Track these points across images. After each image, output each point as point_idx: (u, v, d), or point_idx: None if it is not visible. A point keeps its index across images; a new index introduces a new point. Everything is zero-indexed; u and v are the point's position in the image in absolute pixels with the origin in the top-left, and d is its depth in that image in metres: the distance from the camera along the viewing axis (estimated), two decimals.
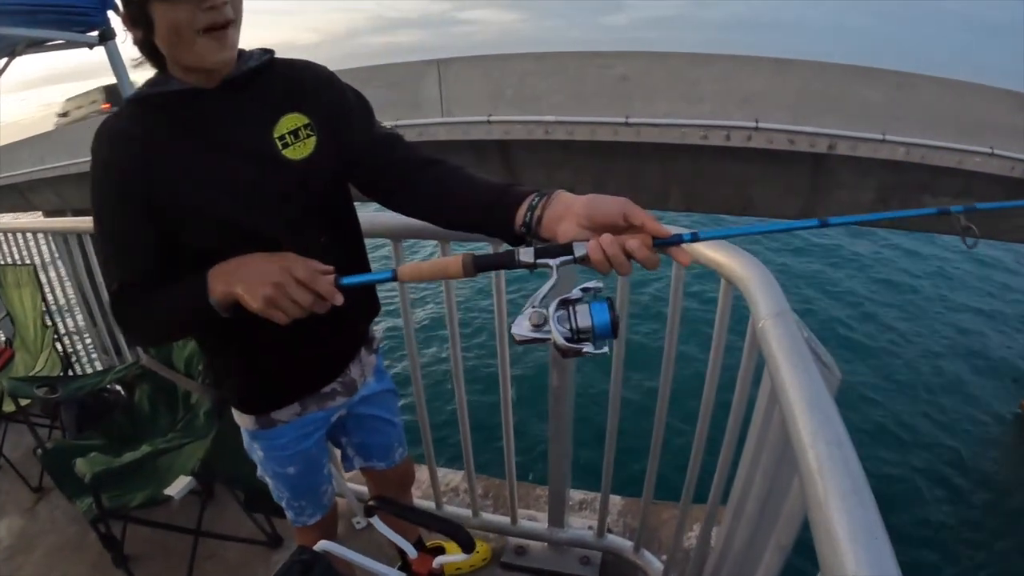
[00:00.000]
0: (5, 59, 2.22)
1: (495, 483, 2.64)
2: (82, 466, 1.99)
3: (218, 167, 1.13)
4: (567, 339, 0.86)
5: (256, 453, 1.51)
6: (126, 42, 1.39)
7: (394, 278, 0.99)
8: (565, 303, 0.88)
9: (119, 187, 1.10)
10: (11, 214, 14.95)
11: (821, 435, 0.76)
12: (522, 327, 0.88)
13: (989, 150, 7.04)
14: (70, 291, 3.64)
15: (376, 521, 1.36)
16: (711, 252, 1.34)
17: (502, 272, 1.70)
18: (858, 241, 17.33)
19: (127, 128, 1.10)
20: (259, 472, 1.55)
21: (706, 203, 8.61)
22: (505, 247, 1.00)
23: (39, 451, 2.58)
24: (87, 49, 1.74)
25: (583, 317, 0.86)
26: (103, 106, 20.33)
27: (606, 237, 0.91)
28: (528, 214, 1.02)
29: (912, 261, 16.51)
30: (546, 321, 0.86)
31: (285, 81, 1.23)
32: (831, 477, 0.69)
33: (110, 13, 1.72)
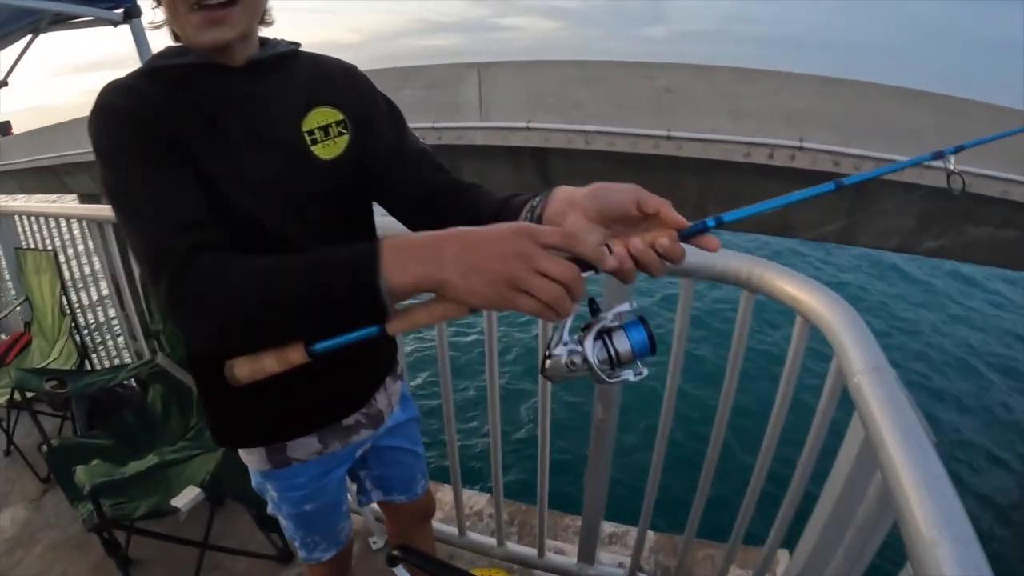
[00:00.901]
0: (29, 36, 2.17)
1: (521, 508, 2.49)
2: (82, 475, 1.88)
3: (240, 156, 0.98)
4: (607, 373, 0.79)
5: (268, 494, 1.34)
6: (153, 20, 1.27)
7: (382, 332, 0.75)
8: (601, 334, 0.79)
9: (142, 130, 0.89)
10: (44, 195, 15.18)
11: (947, 531, 0.65)
12: (559, 370, 0.79)
13: None
14: (93, 279, 3.57)
15: (401, 572, 1.22)
16: (789, 287, 1.20)
17: None
18: (878, 282, 16.98)
19: (142, 88, 0.94)
20: (270, 509, 1.39)
21: (744, 223, 8.38)
22: None
23: (44, 447, 2.48)
24: (112, 27, 1.65)
25: (621, 343, 0.79)
26: None
27: (636, 242, 0.77)
28: (528, 215, 0.89)
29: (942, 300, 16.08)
30: (585, 360, 0.78)
31: (315, 73, 1.11)
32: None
33: None
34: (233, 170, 0.97)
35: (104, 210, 3.00)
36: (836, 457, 1.07)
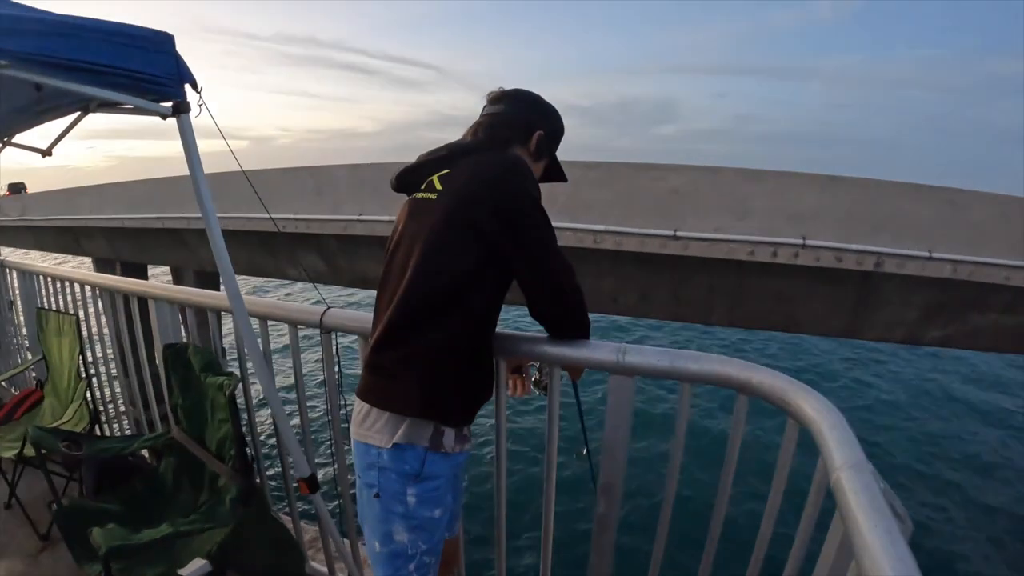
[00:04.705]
0: (77, 113, 2.28)
1: None
2: (98, 537, 1.92)
3: None
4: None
5: (408, 500, 1.52)
6: (199, 115, 1.68)
7: None
8: None
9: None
10: (61, 255, 15.41)
11: None
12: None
13: None
14: (102, 346, 3.64)
15: None
16: (779, 391, 1.31)
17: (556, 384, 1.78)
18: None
19: None
20: (390, 529, 1.54)
21: (750, 319, 8.55)
22: None
23: (54, 505, 2.50)
24: (160, 119, 1.75)
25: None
26: (5, 193, 29.22)
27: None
28: None
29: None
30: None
31: None
32: None
33: (187, 87, 1.74)
34: None
35: (120, 281, 3.13)
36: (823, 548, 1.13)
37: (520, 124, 1.66)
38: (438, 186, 1.54)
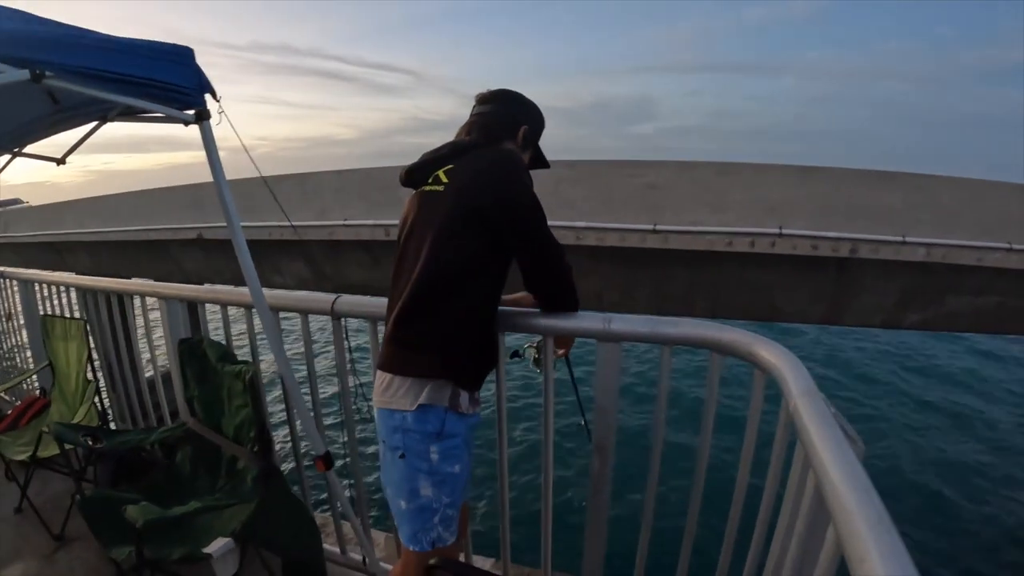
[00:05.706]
0: (96, 123, 2.39)
1: (524, 571, 2.61)
2: (134, 512, 2.04)
3: None
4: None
5: (461, 439, 1.75)
6: (220, 124, 1.83)
7: None
8: None
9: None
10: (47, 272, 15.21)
11: (849, 482, 0.90)
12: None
13: (1007, 245, 7.07)
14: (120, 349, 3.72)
15: None
16: (744, 344, 1.51)
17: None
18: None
19: None
20: (449, 469, 1.72)
21: (731, 309, 8.61)
22: None
23: (77, 497, 2.61)
24: (183, 125, 1.89)
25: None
26: None
27: None
28: None
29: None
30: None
31: None
32: (860, 511, 0.84)
33: (207, 96, 1.88)
34: None
35: (129, 284, 3.31)
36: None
37: (508, 121, 1.89)
38: (444, 179, 1.78)
